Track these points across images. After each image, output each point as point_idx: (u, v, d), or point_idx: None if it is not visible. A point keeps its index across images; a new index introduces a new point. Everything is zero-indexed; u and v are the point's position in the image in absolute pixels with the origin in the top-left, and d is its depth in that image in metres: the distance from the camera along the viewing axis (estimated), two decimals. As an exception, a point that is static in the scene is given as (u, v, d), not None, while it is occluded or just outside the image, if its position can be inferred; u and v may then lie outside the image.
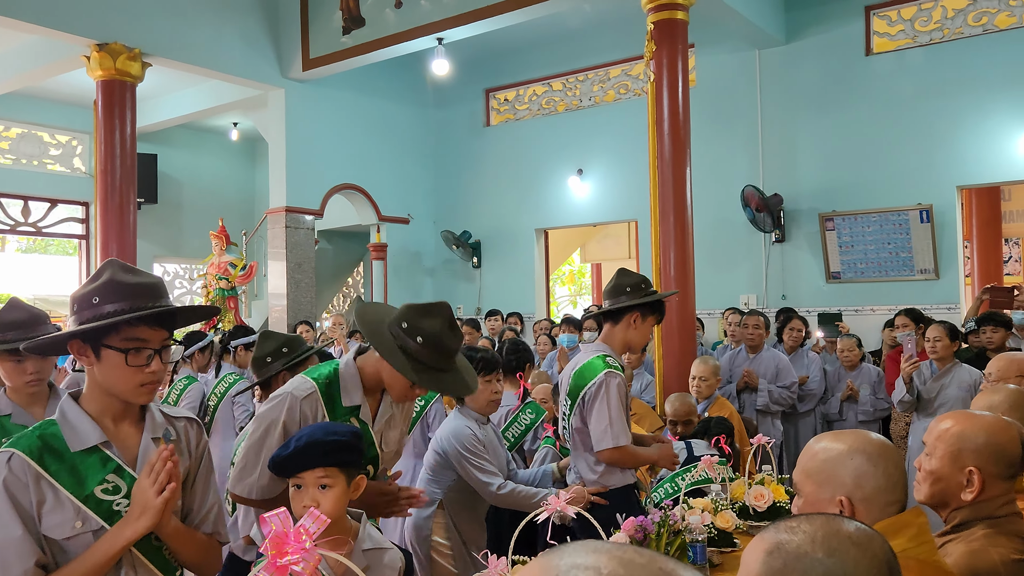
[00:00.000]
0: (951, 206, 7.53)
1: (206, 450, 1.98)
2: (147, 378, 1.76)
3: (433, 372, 2.23)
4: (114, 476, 1.74)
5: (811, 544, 1.02)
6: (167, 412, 1.93)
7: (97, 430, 1.76)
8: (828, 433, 1.67)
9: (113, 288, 1.75)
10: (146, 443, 1.82)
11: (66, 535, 1.68)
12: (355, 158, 10.19)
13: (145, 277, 1.82)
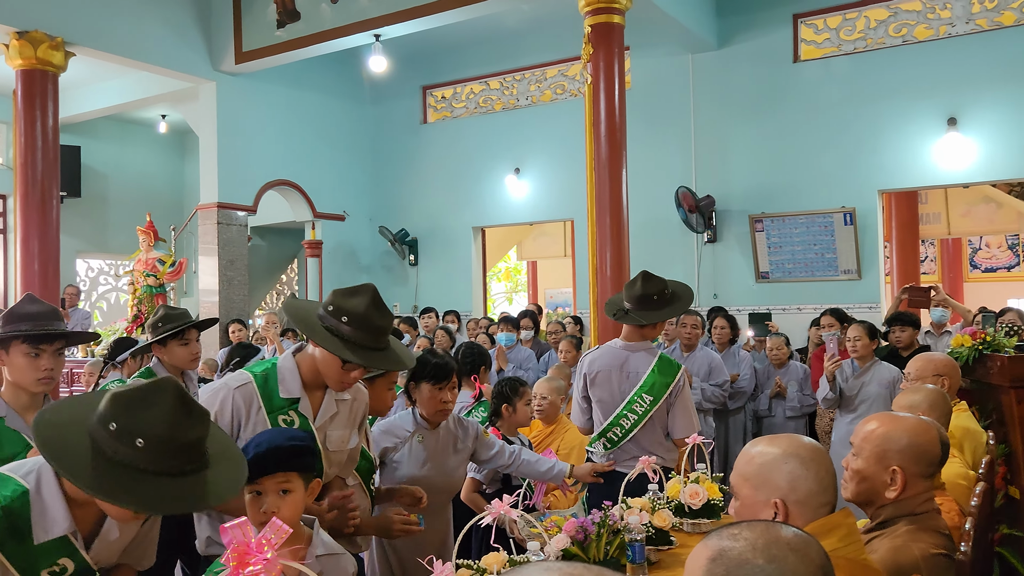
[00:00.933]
0: (873, 209, 7.84)
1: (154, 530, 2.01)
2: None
3: (364, 350, 2.19)
4: (66, 560, 1.71)
5: (752, 551, 1.07)
6: None
7: (68, 518, 1.71)
8: (764, 438, 1.74)
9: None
10: (108, 525, 1.80)
11: None
12: (290, 154, 10.03)
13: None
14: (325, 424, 2.33)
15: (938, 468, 2.05)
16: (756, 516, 1.63)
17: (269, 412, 2.24)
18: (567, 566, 0.67)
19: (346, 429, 2.40)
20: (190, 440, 1.60)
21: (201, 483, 1.61)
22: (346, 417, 2.41)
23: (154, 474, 1.54)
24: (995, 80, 7.27)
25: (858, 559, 1.56)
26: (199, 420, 1.64)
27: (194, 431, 1.61)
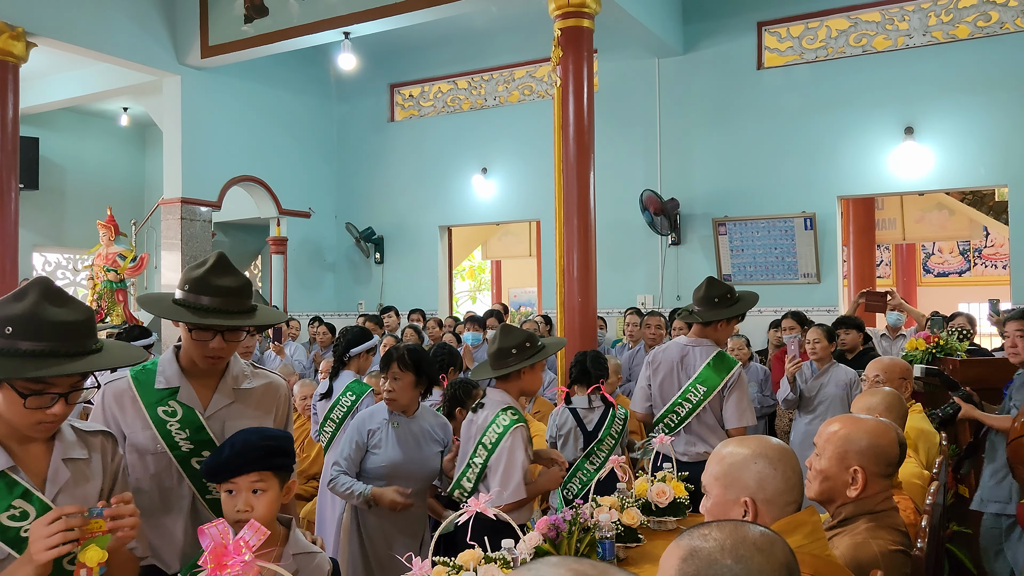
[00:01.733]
0: (832, 215, 8.03)
1: (121, 464, 1.94)
2: (46, 418, 1.68)
3: (205, 312, 2.14)
4: (21, 501, 1.67)
5: (720, 551, 1.14)
6: (79, 427, 1.87)
7: (3, 454, 1.69)
8: (733, 439, 1.81)
9: (33, 324, 1.64)
10: (56, 464, 1.75)
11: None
12: (255, 150, 9.95)
13: (72, 312, 1.70)
14: (220, 414, 2.26)
15: (896, 468, 2.15)
16: (727, 514, 1.70)
17: (147, 404, 2.21)
18: (575, 562, 0.73)
19: (251, 421, 2.29)
20: (57, 320, 1.65)
21: (88, 363, 1.69)
22: (250, 407, 2.32)
23: (31, 355, 1.62)
24: (950, 91, 7.50)
25: (822, 555, 1.64)
26: (69, 306, 1.71)
27: (61, 314, 1.67)
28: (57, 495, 1.74)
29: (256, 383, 2.37)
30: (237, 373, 2.34)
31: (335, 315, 10.63)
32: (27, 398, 1.64)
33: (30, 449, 1.75)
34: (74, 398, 1.70)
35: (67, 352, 1.65)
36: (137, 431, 2.21)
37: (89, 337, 1.73)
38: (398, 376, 3.27)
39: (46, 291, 1.70)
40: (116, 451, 1.91)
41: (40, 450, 1.76)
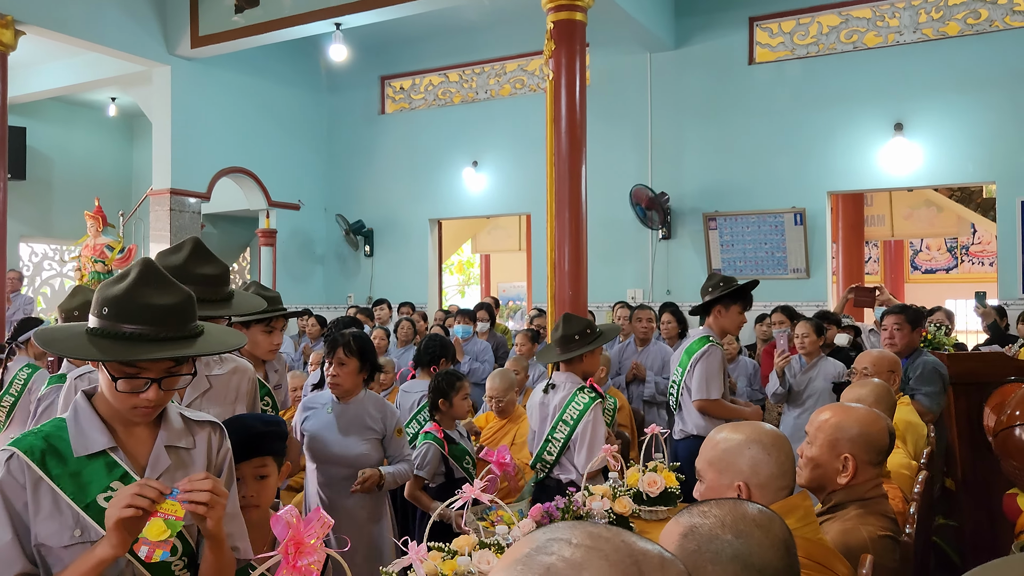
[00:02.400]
0: (822, 210, 8.07)
1: (228, 458, 1.83)
2: (141, 403, 1.62)
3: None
4: (119, 484, 1.62)
5: (721, 527, 1.16)
6: (188, 416, 1.79)
7: (105, 434, 1.64)
8: (727, 425, 1.83)
9: (129, 306, 1.59)
10: (158, 450, 1.69)
11: (63, 543, 1.58)
12: (245, 141, 9.90)
13: (169, 296, 1.63)
14: (197, 401, 2.31)
15: (885, 456, 2.17)
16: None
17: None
18: (589, 524, 0.74)
19: (225, 406, 2.33)
20: (152, 303, 1.60)
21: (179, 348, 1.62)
22: (222, 393, 2.35)
23: (125, 337, 1.58)
24: (940, 88, 7.55)
25: (814, 538, 1.66)
26: (167, 289, 1.64)
27: (157, 296, 1.61)
28: None
29: (224, 369, 2.40)
30: (207, 360, 2.33)
31: (324, 308, 10.61)
32: (117, 381, 1.59)
33: (134, 432, 1.70)
34: (169, 384, 1.63)
35: (161, 336, 1.59)
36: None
37: (185, 322, 1.65)
38: (344, 361, 3.28)
39: (145, 273, 1.64)
40: (223, 444, 1.82)
41: (145, 434, 1.71)
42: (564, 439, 3.54)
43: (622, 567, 0.68)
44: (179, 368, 1.64)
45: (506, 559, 0.72)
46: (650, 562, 0.69)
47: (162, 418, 1.73)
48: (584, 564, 0.68)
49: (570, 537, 0.71)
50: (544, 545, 0.71)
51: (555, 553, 0.69)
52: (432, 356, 4.40)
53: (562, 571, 0.68)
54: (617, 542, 0.71)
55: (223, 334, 1.76)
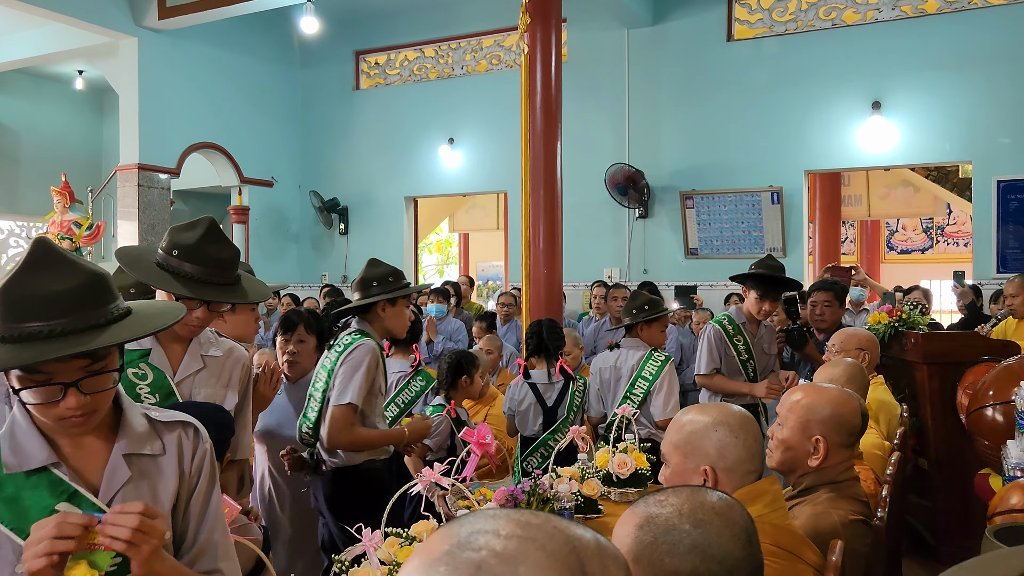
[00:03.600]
0: (799, 189, 8.03)
1: (206, 463, 1.53)
2: (65, 413, 1.32)
3: (193, 283, 2.08)
4: (67, 505, 1.35)
5: (678, 517, 1.08)
6: (154, 417, 1.51)
7: (45, 448, 1.36)
8: (694, 406, 1.76)
9: (19, 299, 1.29)
10: (115, 462, 1.40)
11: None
12: (216, 116, 9.69)
13: (69, 278, 1.32)
14: (188, 380, 2.23)
15: (858, 438, 2.11)
16: (686, 483, 1.65)
17: None
18: (514, 512, 0.65)
19: (216, 388, 2.27)
20: (44, 292, 1.30)
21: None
22: (215, 375, 2.28)
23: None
24: (917, 66, 7.50)
25: (783, 524, 1.60)
26: (64, 272, 1.33)
27: (52, 283, 1.31)
28: (114, 499, 1.39)
29: (220, 351, 2.34)
30: (204, 340, 2.29)
31: (298, 287, 10.46)
32: (20, 392, 1.31)
33: (83, 443, 1.41)
34: (92, 385, 1.33)
35: (58, 331, 1.28)
36: None
37: (92, 307, 1.33)
38: (304, 339, 3.27)
39: (36, 256, 1.33)
40: (199, 446, 1.52)
41: (97, 444, 1.42)
42: (643, 393, 4.03)
43: (560, 556, 0.60)
44: (99, 365, 1.33)
45: (422, 558, 0.64)
46: (587, 549, 0.62)
47: (120, 422, 1.44)
48: (519, 557, 0.60)
49: (496, 528, 0.62)
50: (467, 540, 0.63)
51: (483, 548, 0.61)
52: (413, 334, 4.31)
53: (496, 568, 0.59)
54: (549, 528, 0.63)
55: (149, 316, 1.44)
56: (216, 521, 1.51)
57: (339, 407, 2.92)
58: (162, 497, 1.44)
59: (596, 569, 0.61)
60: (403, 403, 4.08)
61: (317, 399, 3.03)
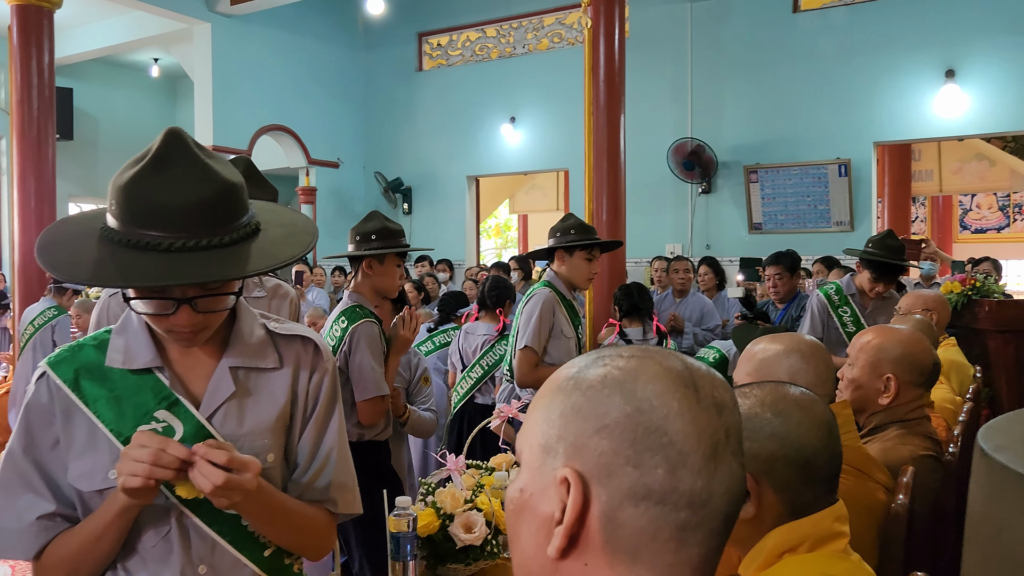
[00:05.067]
0: (867, 161, 7.88)
1: (326, 385, 1.40)
2: (174, 327, 1.23)
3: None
4: (166, 413, 1.26)
5: (760, 406, 1.15)
6: (273, 329, 1.37)
7: (151, 350, 1.28)
8: (765, 336, 1.81)
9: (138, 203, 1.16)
10: (220, 374, 1.30)
11: (96, 487, 1.25)
12: (284, 98, 9.96)
13: (198, 187, 1.16)
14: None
15: (929, 378, 2.14)
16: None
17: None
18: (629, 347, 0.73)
19: None
20: (164, 203, 1.15)
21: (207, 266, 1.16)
22: None
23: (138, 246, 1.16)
24: (994, 32, 7.28)
25: (854, 446, 1.65)
26: (192, 178, 1.17)
27: (175, 191, 1.15)
28: (215, 413, 1.30)
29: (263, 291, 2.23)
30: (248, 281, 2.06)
31: (364, 265, 10.67)
32: (131, 301, 1.22)
33: (192, 352, 1.31)
34: (207, 304, 1.22)
35: (177, 246, 1.14)
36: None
37: (218, 223, 1.17)
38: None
39: (163, 153, 1.19)
40: (319, 365, 1.39)
41: (206, 354, 1.32)
42: None
43: (676, 371, 0.68)
44: (217, 286, 1.22)
45: (548, 388, 0.72)
46: (699, 370, 0.70)
47: (231, 333, 1.33)
48: (639, 370, 0.68)
49: (619, 353, 0.71)
50: (592, 363, 0.71)
51: (607, 365, 0.69)
52: (497, 298, 4.46)
53: (618, 378, 0.68)
54: (667, 353, 0.71)
55: (275, 242, 1.25)
56: (334, 448, 1.39)
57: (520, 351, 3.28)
58: (267, 415, 1.33)
59: (706, 386, 0.68)
60: (487, 365, 4.24)
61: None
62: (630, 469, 0.65)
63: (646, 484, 0.64)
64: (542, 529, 0.68)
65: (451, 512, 1.83)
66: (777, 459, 1.12)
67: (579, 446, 0.66)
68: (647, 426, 0.65)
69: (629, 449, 0.65)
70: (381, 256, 2.84)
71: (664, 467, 0.64)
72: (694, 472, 0.65)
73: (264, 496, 1.25)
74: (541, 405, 0.71)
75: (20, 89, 7.57)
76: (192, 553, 1.28)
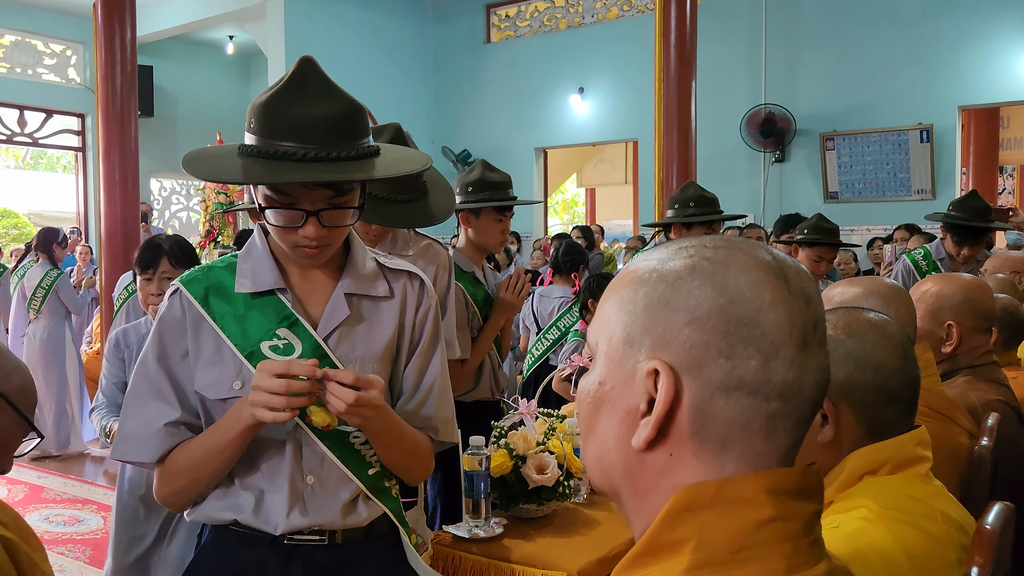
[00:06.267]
0: (951, 127, 7.58)
1: (431, 318, 1.49)
2: (301, 241, 1.33)
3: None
4: (287, 332, 1.36)
5: (834, 329, 1.14)
6: (384, 263, 1.48)
7: (275, 273, 1.39)
8: (843, 280, 1.78)
9: (275, 118, 1.29)
10: (336, 299, 1.40)
11: (221, 395, 1.36)
12: (355, 73, 10.05)
13: (329, 104, 1.30)
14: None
15: (994, 323, 2.07)
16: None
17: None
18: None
19: None
20: (300, 115, 1.28)
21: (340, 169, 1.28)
22: None
23: (275, 156, 1.27)
24: (1091, -12, 6.89)
25: (935, 389, 1.61)
26: (323, 97, 1.31)
27: (308, 106, 1.29)
28: (330, 336, 1.39)
29: (413, 251, 2.13)
30: (399, 239, 2.08)
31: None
32: (266, 211, 1.32)
33: (311, 276, 1.42)
34: (331, 219, 1.32)
35: (311, 156, 1.26)
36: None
37: (346, 138, 1.29)
38: (171, 275, 2.55)
39: (297, 76, 1.32)
40: (424, 299, 1.48)
41: (324, 279, 1.43)
42: None
43: (764, 262, 0.67)
44: (342, 199, 1.32)
45: (624, 280, 0.72)
46: (786, 261, 0.69)
47: (347, 261, 1.44)
48: (729, 259, 0.67)
49: (703, 243, 0.70)
50: (674, 254, 0.70)
51: (694, 255, 0.69)
52: (571, 263, 4.53)
53: (708, 270, 0.67)
54: (750, 243, 0.70)
55: (395, 160, 1.39)
56: (436, 379, 1.48)
57: None
58: (377, 342, 1.42)
59: (794, 277, 0.67)
60: (563, 327, 4.28)
61: None
62: (722, 361, 0.65)
63: (739, 375, 0.64)
64: (625, 421, 0.69)
65: (523, 454, 1.86)
66: (854, 380, 1.10)
67: (667, 338, 0.66)
68: (740, 318, 0.65)
69: (721, 341, 0.65)
70: (476, 210, 2.71)
71: (757, 358, 0.64)
72: (786, 363, 0.65)
73: (385, 415, 1.34)
74: (619, 298, 0.71)
75: (104, 67, 7.84)
76: (303, 464, 1.37)
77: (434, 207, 2.10)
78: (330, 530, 1.37)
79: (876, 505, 1.02)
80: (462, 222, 2.76)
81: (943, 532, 1.01)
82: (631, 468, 0.69)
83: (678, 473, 0.67)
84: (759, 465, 0.66)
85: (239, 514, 1.37)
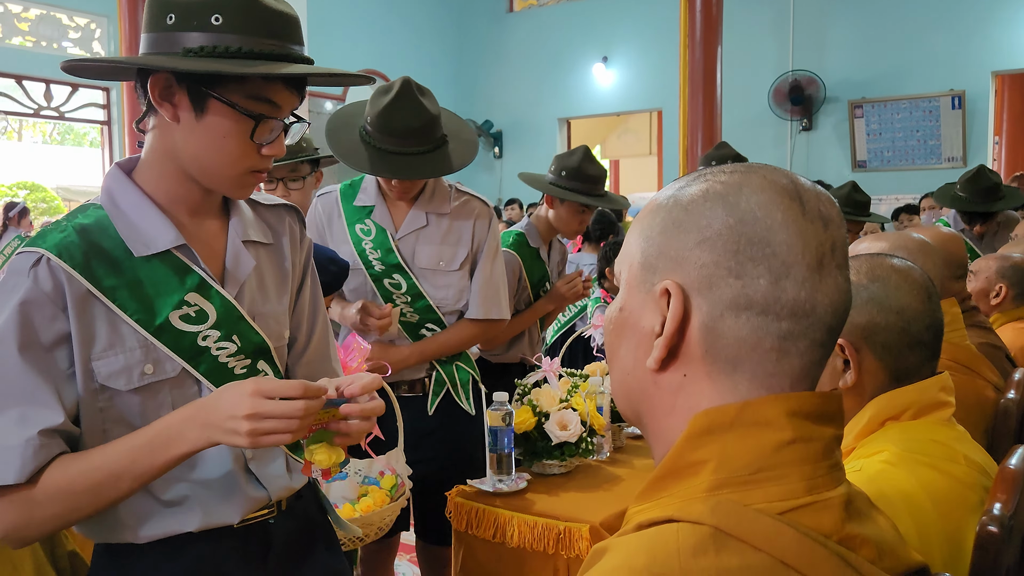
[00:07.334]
0: (984, 92, 7.42)
1: (311, 257, 1.34)
2: (260, 164, 1.13)
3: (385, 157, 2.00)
4: (196, 296, 1.13)
5: (856, 274, 1.13)
6: (257, 199, 1.28)
7: (170, 227, 1.12)
8: (869, 236, 1.76)
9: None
10: (234, 247, 1.19)
11: (132, 384, 1.08)
12: (377, 42, 10.06)
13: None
14: (410, 237, 2.12)
15: (965, 271, 2.04)
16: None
17: (348, 222, 2.15)
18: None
19: (442, 247, 2.12)
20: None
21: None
22: (441, 233, 2.13)
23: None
24: None
25: (961, 343, 1.60)
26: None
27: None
28: (240, 292, 1.18)
29: (451, 206, 2.17)
30: (436, 195, 2.15)
31: (456, 209, 10.81)
32: (259, 124, 1.09)
33: (204, 224, 1.18)
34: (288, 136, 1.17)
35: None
36: (339, 245, 2.14)
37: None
38: None
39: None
40: (303, 236, 1.32)
41: (215, 227, 1.19)
42: None
43: (780, 184, 0.67)
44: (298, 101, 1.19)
45: (647, 208, 0.72)
46: (804, 183, 0.68)
47: (230, 204, 1.22)
48: (743, 182, 0.67)
49: (720, 168, 0.70)
50: (691, 181, 0.70)
51: (709, 180, 0.69)
52: (601, 232, 4.58)
53: (721, 192, 0.67)
54: (771, 168, 0.70)
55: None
56: (325, 318, 1.35)
57: None
58: (283, 293, 1.25)
59: (811, 199, 0.67)
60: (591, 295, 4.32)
61: None
62: (732, 280, 0.65)
63: (748, 295, 0.64)
64: (642, 344, 0.70)
65: (547, 411, 1.87)
66: (877, 324, 1.10)
67: (679, 259, 0.67)
68: (750, 237, 0.65)
69: (731, 260, 0.65)
70: (563, 197, 2.74)
71: (767, 277, 0.64)
72: (798, 282, 0.65)
73: None
74: (641, 225, 0.72)
75: (128, 39, 7.90)
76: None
77: (453, 157, 2.04)
78: (276, 501, 1.21)
79: (898, 448, 1.02)
80: (546, 202, 2.81)
81: (966, 474, 1.01)
82: (648, 390, 0.70)
83: (693, 393, 0.67)
84: (772, 386, 0.66)
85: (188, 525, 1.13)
